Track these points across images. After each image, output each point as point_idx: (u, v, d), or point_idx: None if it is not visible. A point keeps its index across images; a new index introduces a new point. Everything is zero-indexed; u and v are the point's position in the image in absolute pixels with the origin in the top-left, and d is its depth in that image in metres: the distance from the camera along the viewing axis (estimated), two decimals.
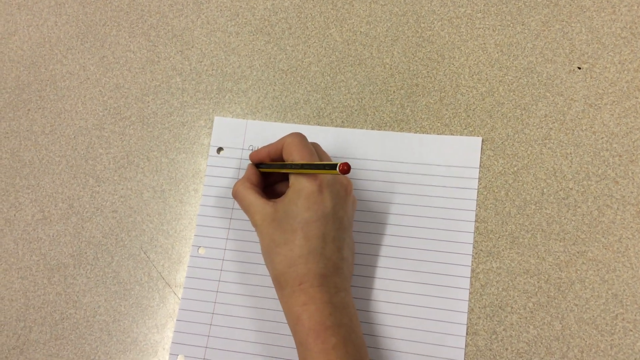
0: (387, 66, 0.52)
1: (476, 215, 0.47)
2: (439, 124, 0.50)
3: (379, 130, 0.50)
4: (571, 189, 0.47)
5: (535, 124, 0.48)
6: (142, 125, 0.53)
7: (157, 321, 0.48)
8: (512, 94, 0.50)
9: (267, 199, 0.43)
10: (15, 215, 0.52)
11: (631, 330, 0.43)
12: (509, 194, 0.47)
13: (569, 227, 0.46)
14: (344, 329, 0.38)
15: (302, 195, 0.39)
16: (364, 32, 0.53)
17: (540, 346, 0.44)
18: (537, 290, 0.45)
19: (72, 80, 0.56)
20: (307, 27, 0.54)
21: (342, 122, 0.51)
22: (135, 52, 0.56)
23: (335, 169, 0.35)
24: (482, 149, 0.48)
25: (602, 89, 0.49)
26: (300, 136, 0.42)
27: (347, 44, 0.53)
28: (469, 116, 0.49)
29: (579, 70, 0.49)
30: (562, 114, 0.48)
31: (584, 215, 0.46)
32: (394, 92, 0.51)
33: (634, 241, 0.45)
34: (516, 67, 0.50)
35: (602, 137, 0.47)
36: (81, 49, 0.57)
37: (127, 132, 0.53)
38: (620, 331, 0.43)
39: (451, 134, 0.49)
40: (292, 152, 0.41)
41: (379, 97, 0.51)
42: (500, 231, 0.46)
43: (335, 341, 0.37)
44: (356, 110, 0.51)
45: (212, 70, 0.54)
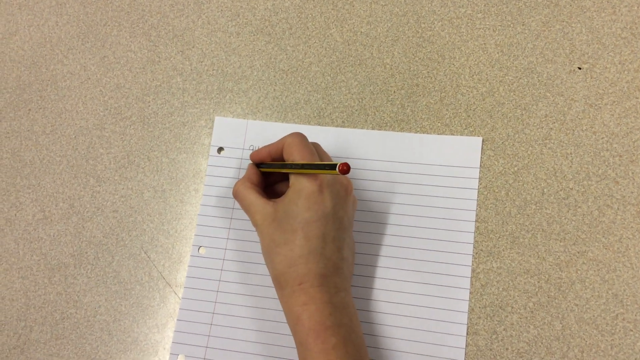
0: (388, 66, 0.52)
1: (476, 215, 0.47)
2: (439, 124, 0.50)
3: (379, 130, 0.50)
4: (571, 189, 0.47)
5: (535, 124, 0.48)
6: (143, 125, 0.53)
7: (158, 321, 0.48)
8: (512, 94, 0.50)
9: (268, 198, 0.43)
10: (16, 215, 0.52)
11: (631, 330, 0.43)
12: (510, 194, 0.47)
13: (570, 227, 0.46)
14: (344, 329, 0.38)
15: (303, 195, 0.39)
16: (365, 33, 0.53)
17: (540, 346, 0.44)
18: (537, 290, 0.45)
19: (72, 80, 0.56)
20: (308, 28, 0.54)
21: (343, 122, 0.51)
22: (136, 52, 0.56)
23: (335, 169, 0.35)
24: (482, 149, 0.48)
25: (603, 89, 0.49)
26: (300, 136, 0.42)
27: (348, 44, 0.53)
28: (469, 116, 0.49)
29: (579, 70, 0.49)
30: (563, 114, 0.48)
31: (584, 215, 0.46)
32: (394, 92, 0.51)
33: (635, 241, 0.45)
34: (516, 67, 0.50)
35: (603, 137, 0.47)
36: (82, 49, 0.57)
37: (128, 132, 0.53)
38: (620, 331, 0.43)
39: (451, 134, 0.49)
40: (293, 152, 0.41)
41: (380, 97, 0.51)
42: (500, 231, 0.46)
43: (335, 341, 0.37)
44: (357, 110, 0.51)
45: (212, 70, 0.54)
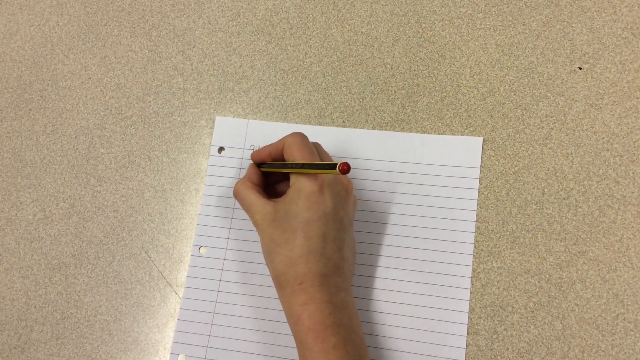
0: (388, 66, 0.52)
1: (477, 215, 0.47)
2: (439, 124, 0.50)
3: (380, 130, 0.50)
4: (572, 189, 0.47)
5: (536, 124, 0.48)
6: (144, 125, 0.53)
7: (158, 320, 0.48)
8: (513, 94, 0.50)
9: (268, 198, 0.43)
10: (16, 214, 0.52)
11: (632, 330, 0.43)
12: (510, 193, 0.47)
13: (570, 227, 0.46)
14: (344, 328, 0.38)
15: (303, 195, 0.39)
16: (365, 32, 0.53)
17: (541, 346, 0.44)
18: (538, 290, 0.45)
19: (73, 80, 0.56)
20: (308, 27, 0.54)
21: (343, 122, 0.51)
22: (136, 51, 0.56)
23: (335, 169, 0.35)
24: (483, 148, 0.48)
25: (603, 89, 0.49)
26: (301, 136, 0.42)
27: (348, 44, 0.53)
28: (470, 116, 0.49)
29: (579, 70, 0.49)
30: (563, 114, 0.48)
31: (584, 215, 0.46)
32: (395, 92, 0.51)
33: (635, 241, 0.45)
34: (517, 67, 0.50)
35: (603, 137, 0.47)
36: (83, 49, 0.57)
37: (129, 131, 0.53)
38: (621, 331, 0.43)
39: (452, 134, 0.49)
40: (293, 152, 0.41)
41: (380, 97, 0.51)
42: (501, 231, 0.46)
43: (335, 341, 0.37)
44: (357, 110, 0.51)
45: (213, 70, 0.54)
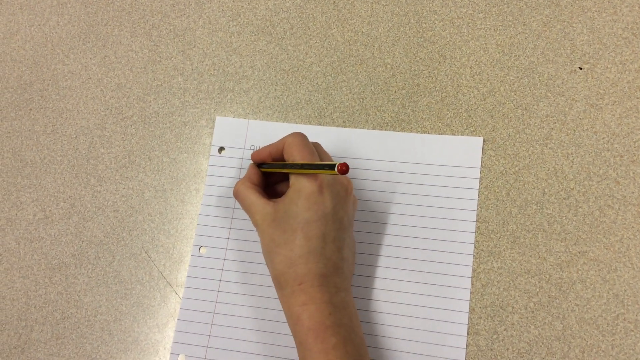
0: (389, 66, 0.52)
1: (477, 215, 0.47)
2: (440, 124, 0.50)
3: (380, 130, 0.50)
4: (572, 189, 0.47)
5: (536, 124, 0.48)
6: (144, 124, 0.53)
7: (158, 320, 0.48)
8: (513, 94, 0.50)
9: (268, 198, 0.43)
10: (16, 214, 0.52)
11: (632, 330, 0.43)
12: (510, 194, 0.47)
13: (570, 227, 0.46)
14: (344, 328, 0.38)
15: (303, 195, 0.39)
16: (366, 32, 0.53)
17: (541, 346, 0.44)
18: (538, 290, 0.45)
19: (73, 79, 0.56)
20: (309, 27, 0.54)
21: (344, 122, 0.51)
22: (137, 51, 0.56)
23: (333, 169, 0.35)
24: (483, 149, 0.48)
25: (603, 89, 0.49)
26: (301, 136, 0.42)
27: (349, 44, 0.53)
28: (470, 116, 0.49)
29: (580, 70, 0.49)
30: (564, 114, 0.48)
31: (585, 215, 0.46)
32: (395, 92, 0.51)
33: (635, 241, 0.45)
34: (517, 67, 0.50)
35: (604, 138, 0.47)
36: (83, 49, 0.57)
37: (129, 131, 0.53)
38: (621, 331, 0.43)
39: (452, 134, 0.49)
40: (293, 152, 0.41)
41: (380, 97, 0.51)
42: (501, 231, 0.46)
43: (335, 341, 0.37)
44: (357, 110, 0.51)
45: (213, 70, 0.54)
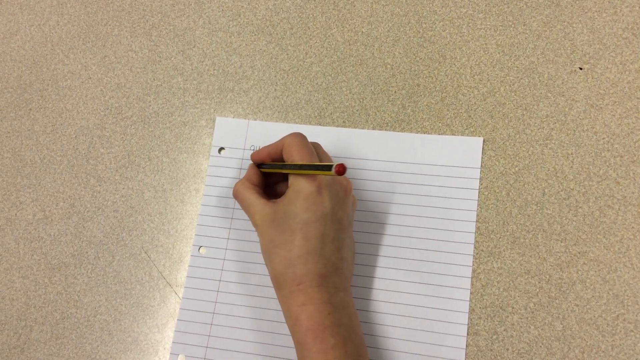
0: (389, 66, 0.52)
1: (477, 215, 0.47)
2: (440, 124, 0.50)
3: (380, 130, 0.50)
4: (572, 190, 0.46)
5: (536, 125, 0.48)
6: (144, 124, 0.53)
7: (158, 321, 0.48)
8: (513, 94, 0.50)
9: (268, 199, 0.43)
10: (16, 214, 0.52)
11: (632, 330, 0.43)
12: (510, 194, 0.47)
13: (570, 228, 0.46)
14: (343, 328, 0.38)
15: (301, 195, 0.39)
16: (366, 33, 0.53)
17: (541, 346, 0.44)
18: (538, 290, 0.45)
19: (73, 79, 0.56)
20: (309, 27, 0.54)
21: (344, 122, 0.51)
22: (136, 51, 0.56)
23: (331, 170, 0.35)
24: (483, 149, 0.48)
25: (604, 90, 0.48)
26: (300, 136, 0.42)
27: (349, 44, 0.53)
28: (470, 116, 0.49)
29: (580, 70, 0.49)
30: (564, 115, 0.48)
31: (585, 215, 0.46)
32: (395, 92, 0.51)
33: (635, 242, 0.45)
34: (517, 67, 0.50)
35: (604, 138, 0.47)
36: (83, 49, 0.57)
37: (129, 131, 0.53)
38: (621, 332, 0.43)
39: (452, 134, 0.49)
40: (292, 153, 0.41)
41: (380, 97, 0.51)
42: (501, 231, 0.46)
43: (334, 341, 0.37)
44: (357, 110, 0.51)
45: (213, 70, 0.54)
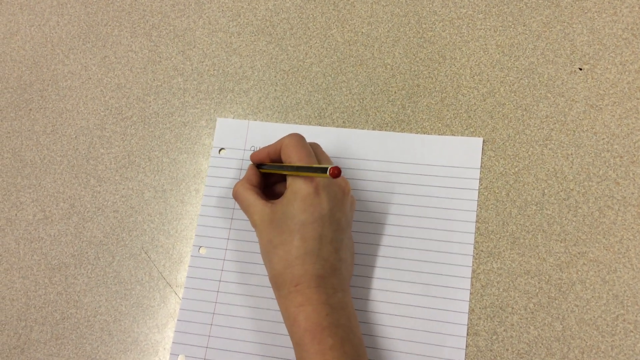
0: (389, 67, 0.52)
1: (477, 215, 0.47)
2: (440, 125, 0.50)
3: (380, 130, 0.50)
4: (572, 190, 0.46)
5: (536, 125, 0.48)
6: (144, 125, 0.53)
7: (158, 321, 0.48)
8: (513, 94, 0.50)
9: (267, 199, 0.43)
10: (16, 214, 0.52)
11: (632, 331, 0.43)
12: (510, 194, 0.47)
13: (570, 228, 0.46)
14: (341, 329, 0.38)
15: (299, 197, 0.39)
16: (365, 33, 0.53)
17: (541, 347, 0.44)
18: (537, 290, 0.45)
19: (73, 80, 0.56)
20: (309, 28, 0.54)
21: (343, 122, 0.51)
22: (136, 52, 0.56)
23: (326, 173, 0.35)
24: (483, 149, 0.48)
25: (603, 90, 0.49)
26: (298, 137, 0.42)
27: (349, 45, 0.53)
28: (470, 117, 0.49)
29: (580, 71, 0.49)
30: (563, 115, 0.48)
31: (584, 216, 0.46)
32: (395, 92, 0.51)
33: (635, 242, 0.45)
34: (517, 67, 0.50)
35: (603, 138, 0.47)
36: (83, 49, 0.57)
37: (129, 132, 0.53)
38: (621, 332, 0.43)
39: (452, 135, 0.49)
40: (290, 153, 0.41)
41: (380, 97, 0.51)
42: (501, 232, 0.46)
43: (332, 342, 0.37)
44: (357, 110, 0.51)
45: (213, 70, 0.54)
